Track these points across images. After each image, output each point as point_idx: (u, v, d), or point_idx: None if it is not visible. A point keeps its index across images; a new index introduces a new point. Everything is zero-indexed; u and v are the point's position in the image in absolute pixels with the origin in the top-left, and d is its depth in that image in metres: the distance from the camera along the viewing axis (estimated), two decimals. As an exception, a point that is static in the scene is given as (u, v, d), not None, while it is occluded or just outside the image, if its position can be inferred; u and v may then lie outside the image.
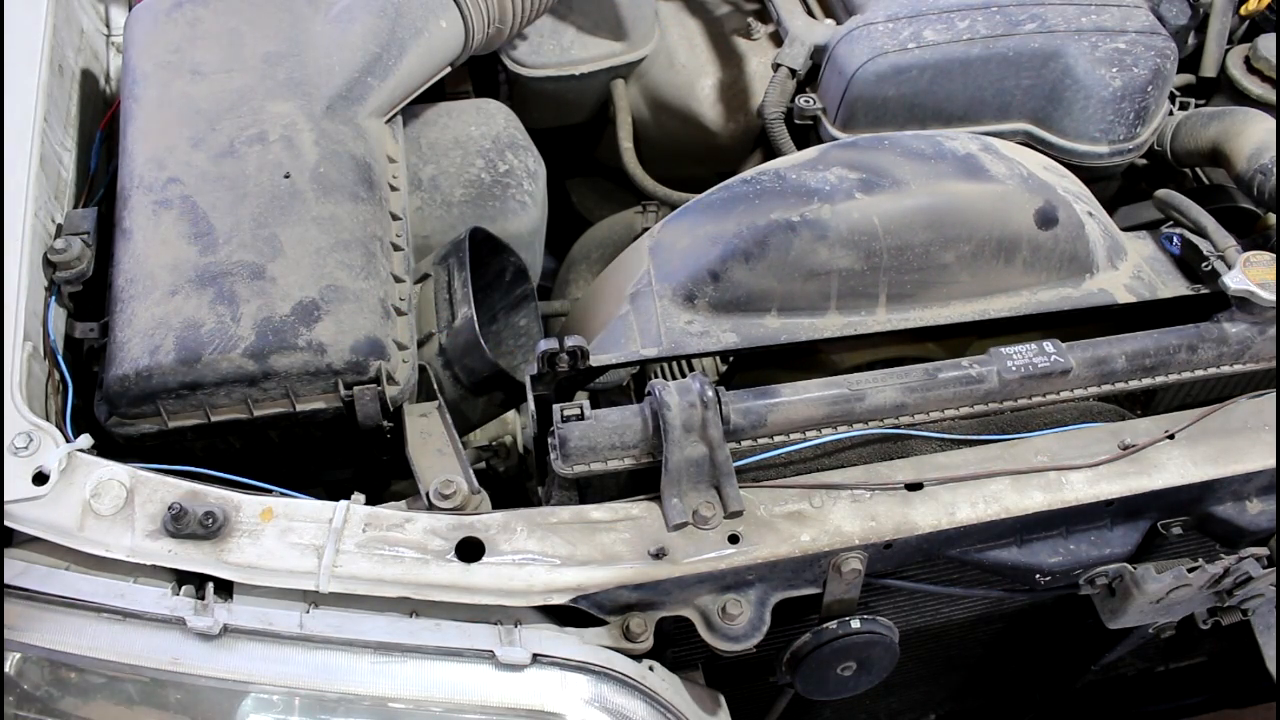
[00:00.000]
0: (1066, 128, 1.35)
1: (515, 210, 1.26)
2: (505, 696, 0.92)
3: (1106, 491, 1.05)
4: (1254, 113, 1.37)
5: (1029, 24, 1.33)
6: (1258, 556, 1.13)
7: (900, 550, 1.03)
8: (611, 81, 1.64)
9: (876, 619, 1.07)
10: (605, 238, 1.60)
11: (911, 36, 1.33)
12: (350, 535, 0.93)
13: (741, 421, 1.03)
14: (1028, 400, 1.13)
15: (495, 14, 1.35)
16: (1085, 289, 1.20)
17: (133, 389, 1.03)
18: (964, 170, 1.17)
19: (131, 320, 1.06)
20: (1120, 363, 1.13)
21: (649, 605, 0.99)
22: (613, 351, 1.11)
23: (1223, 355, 1.17)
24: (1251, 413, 1.13)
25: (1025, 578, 1.11)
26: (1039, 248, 1.17)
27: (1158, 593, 1.09)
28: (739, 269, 1.13)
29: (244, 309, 1.06)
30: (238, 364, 1.04)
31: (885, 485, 1.03)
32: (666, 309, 1.14)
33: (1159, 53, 1.34)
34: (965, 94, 1.34)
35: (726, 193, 1.20)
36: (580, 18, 1.60)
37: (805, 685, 1.10)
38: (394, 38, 1.26)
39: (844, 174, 1.16)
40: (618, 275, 1.23)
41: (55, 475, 0.93)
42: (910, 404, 1.08)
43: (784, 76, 1.44)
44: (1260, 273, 1.15)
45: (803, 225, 1.12)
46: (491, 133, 1.35)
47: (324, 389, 1.06)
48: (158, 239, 1.11)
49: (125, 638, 0.90)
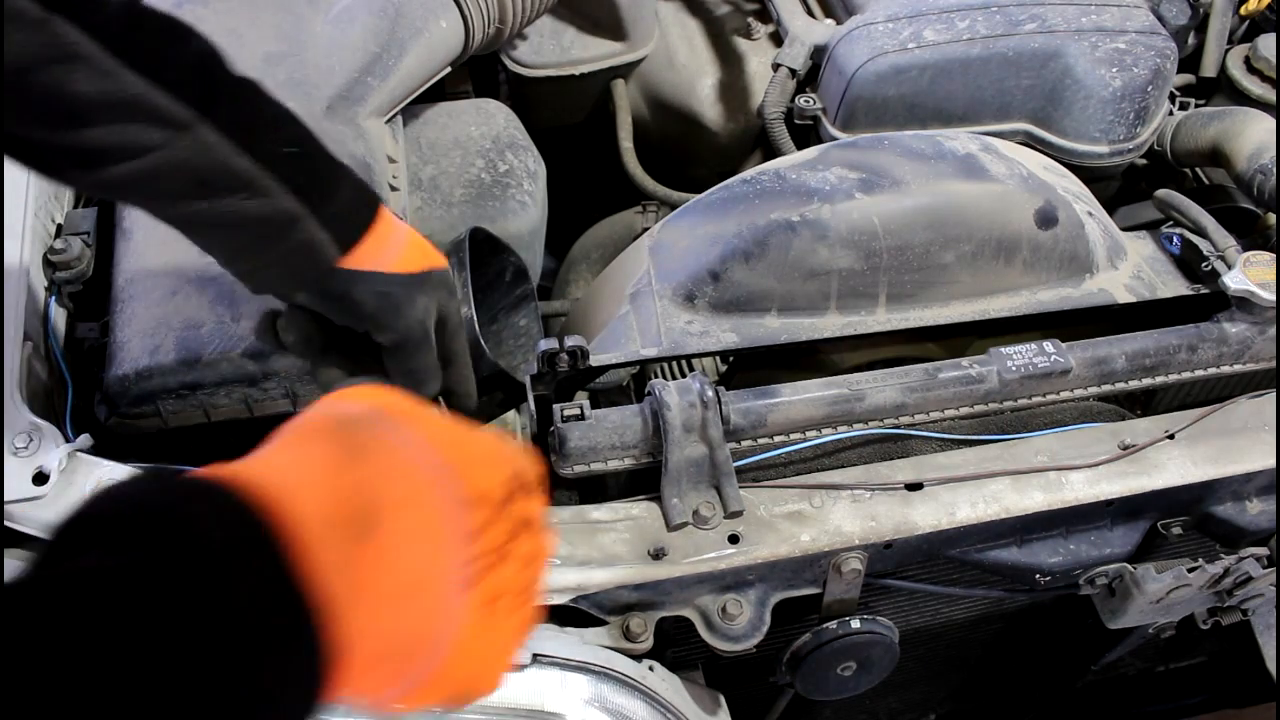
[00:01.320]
0: (1066, 128, 1.35)
1: (515, 210, 1.26)
2: (505, 696, 0.92)
3: (1106, 491, 1.05)
4: (1254, 113, 1.37)
5: (1029, 24, 1.33)
6: (1258, 556, 1.13)
7: (900, 550, 1.03)
8: (611, 81, 1.64)
9: (876, 619, 1.07)
10: (605, 238, 1.60)
11: (911, 36, 1.33)
12: (350, 535, 0.93)
13: (741, 421, 1.03)
14: (1028, 400, 1.13)
15: (495, 14, 1.35)
16: (1085, 289, 1.20)
17: (133, 389, 1.03)
18: (964, 170, 1.17)
19: (131, 320, 1.06)
20: (1120, 363, 1.13)
21: (649, 605, 0.99)
22: (613, 351, 1.11)
23: (1223, 355, 1.17)
24: (1251, 413, 1.13)
25: (1025, 578, 1.11)
26: (1039, 248, 1.17)
27: (1158, 593, 1.09)
28: (739, 269, 1.13)
29: (244, 309, 1.06)
30: (238, 364, 1.04)
31: (885, 485, 1.03)
32: (666, 309, 1.14)
33: (1159, 53, 1.34)
34: (965, 94, 1.34)
35: (726, 193, 1.20)
36: (580, 18, 1.60)
37: (805, 685, 1.10)
38: (394, 38, 1.26)
39: (844, 174, 1.16)
40: (617, 275, 1.23)
41: (55, 475, 0.93)
42: (910, 404, 1.08)
43: (784, 76, 1.44)
44: (1260, 273, 1.15)
45: (803, 225, 1.12)
46: (491, 133, 1.35)
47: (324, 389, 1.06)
48: (158, 239, 1.11)
49: (125, 638, 0.90)
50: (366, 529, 0.52)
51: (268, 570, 0.47)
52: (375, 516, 0.53)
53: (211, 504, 0.48)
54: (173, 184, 0.78)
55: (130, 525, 0.46)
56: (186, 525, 0.46)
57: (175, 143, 0.76)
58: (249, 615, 0.46)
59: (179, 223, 0.84)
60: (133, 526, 0.46)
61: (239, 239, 0.84)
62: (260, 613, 0.46)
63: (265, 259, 0.85)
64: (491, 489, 0.59)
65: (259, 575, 0.47)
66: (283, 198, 0.81)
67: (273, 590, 0.47)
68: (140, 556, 0.44)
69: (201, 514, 0.47)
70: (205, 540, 0.46)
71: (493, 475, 0.59)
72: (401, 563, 0.53)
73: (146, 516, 0.46)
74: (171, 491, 0.48)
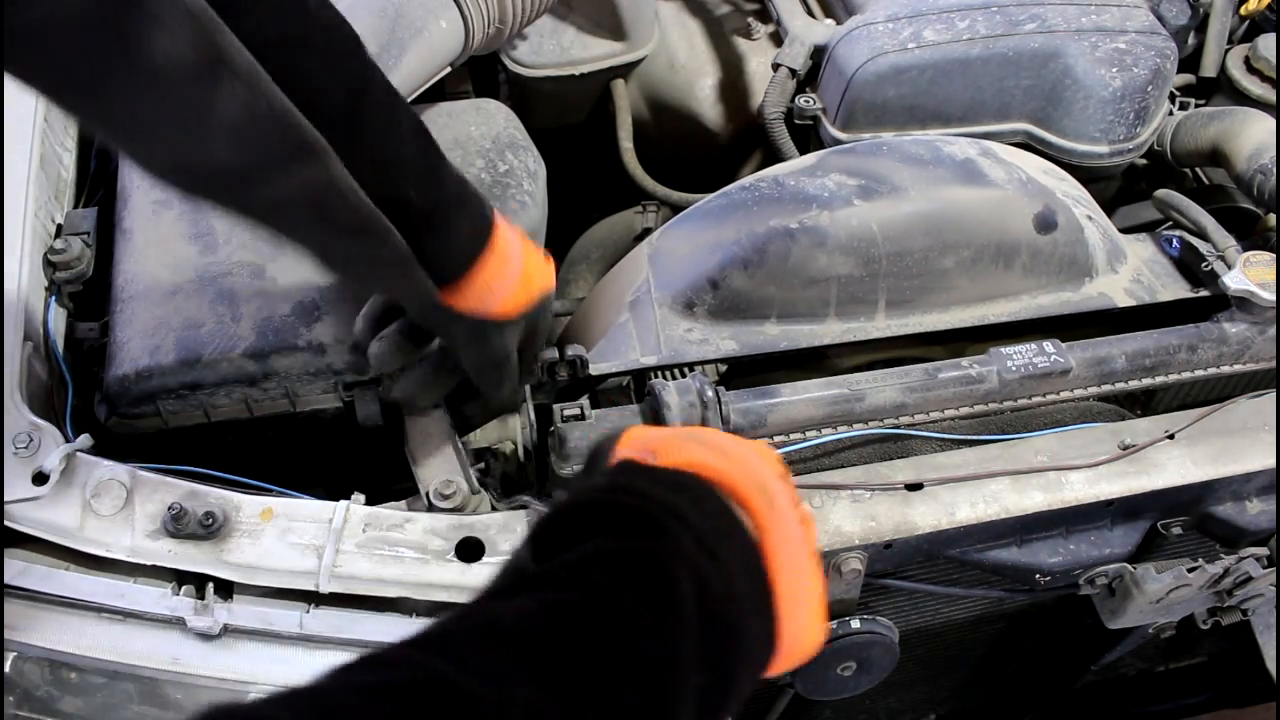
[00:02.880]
0: (1066, 128, 1.35)
1: (515, 210, 1.26)
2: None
3: (1106, 491, 1.05)
4: (1254, 113, 1.37)
5: (1029, 24, 1.33)
6: (1258, 556, 1.13)
7: (900, 550, 1.03)
8: (611, 81, 1.64)
9: (876, 619, 1.07)
10: (605, 238, 1.60)
11: (911, 36, 1.33)
12: (350, 535, 0.94)
13: (741, 421, 1.03)
14: (1028, 400, 1.13)
15: (495, 14, 1.35)
16: (1085, 293, 1.20)
17: (133, 389, 1.03)
18: (962, 175, 1.17)
19: (131, 320, 1.06)
20: (1120, 363, 1.13)
21: (649, 605, 0.99)
22: (612, 360, 1.12)
23: (1223, 355, 1.17)
24: (1251, 413, 1.13)
25: (1025, 578, 1.11)
26: (1038, 252, 1.17)
27: (1158, 593, 1.09)
28: (738, 276, 1.13)
29: (244, 309, 1.06)
30: (238, 364, 1.04)
31: (885, 485, 1.03)
32: (666, 317, 1.14)
33: (1159, 53, 1.34)
34: (965, 94, 1.34)
35: (725, 200, 1.20)
36: (580, 18, 1.60)
37: (805, 685, 1.10)
38: (394, 38, 1.26)
39: (842, 180, 1.16)
40: (617, 283, 1.23)
41: (55, 475, 0.93)
42: (910, 404, 1.08)
43: (784, 76, 1.44)
44: (1260, 273, 1.15)
45: (801, 232, 1.12)
46: (491, 133, 1.34)
47: (324, 389, 1.06)
48: (158, 239, 1.11)
49: (125, 638, 0.90)
50: (772, 504, 0.62)
51: (748, 551, 0.59)
52: (770, 492, 0.63)
53: (693, 493, 0.59)
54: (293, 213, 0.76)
55: (626, 515, 0.55)
56: (684, 516, 0.56)
57: (304, 173, 0.72)
58: (742, 590, 0.56)
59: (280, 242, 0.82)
60: (629, 516, 0.55)
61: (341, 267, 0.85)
62: (751, 588, 0.57)
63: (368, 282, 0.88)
64: (779, 468, 0.69)
65: (742, 554, 0.58)
66: (393, 241, 0.80)
67: (752, 565, 0.58)
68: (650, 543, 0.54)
69: (687, 503, 0.57)
70: (700, 528, 0.56)
71: (777, 460, 0.70)
72: (793, 529, 0.63)
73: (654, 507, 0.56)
74: (661, 483, 0.59)
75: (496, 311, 0.91)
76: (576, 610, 0.49)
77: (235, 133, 0.68)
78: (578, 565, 0.52)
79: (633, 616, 0.49)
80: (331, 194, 0.75)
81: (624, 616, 0.49)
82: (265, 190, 0.72)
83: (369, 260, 0.82)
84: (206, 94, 0.65)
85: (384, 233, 0.79)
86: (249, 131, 0.69)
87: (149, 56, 0.61)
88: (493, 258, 0.89)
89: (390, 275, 0.84)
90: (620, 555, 0.52)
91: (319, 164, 0.73)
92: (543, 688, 0.44)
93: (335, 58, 0.77)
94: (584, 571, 0.51)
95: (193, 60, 0.64)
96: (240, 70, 0.66)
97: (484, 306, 0.90)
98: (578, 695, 0.45)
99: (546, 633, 0.47)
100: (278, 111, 0.69)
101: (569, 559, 0.53)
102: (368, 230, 0.78)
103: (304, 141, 0.71)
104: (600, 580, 0.51)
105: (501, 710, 0.42)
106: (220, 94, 0.65)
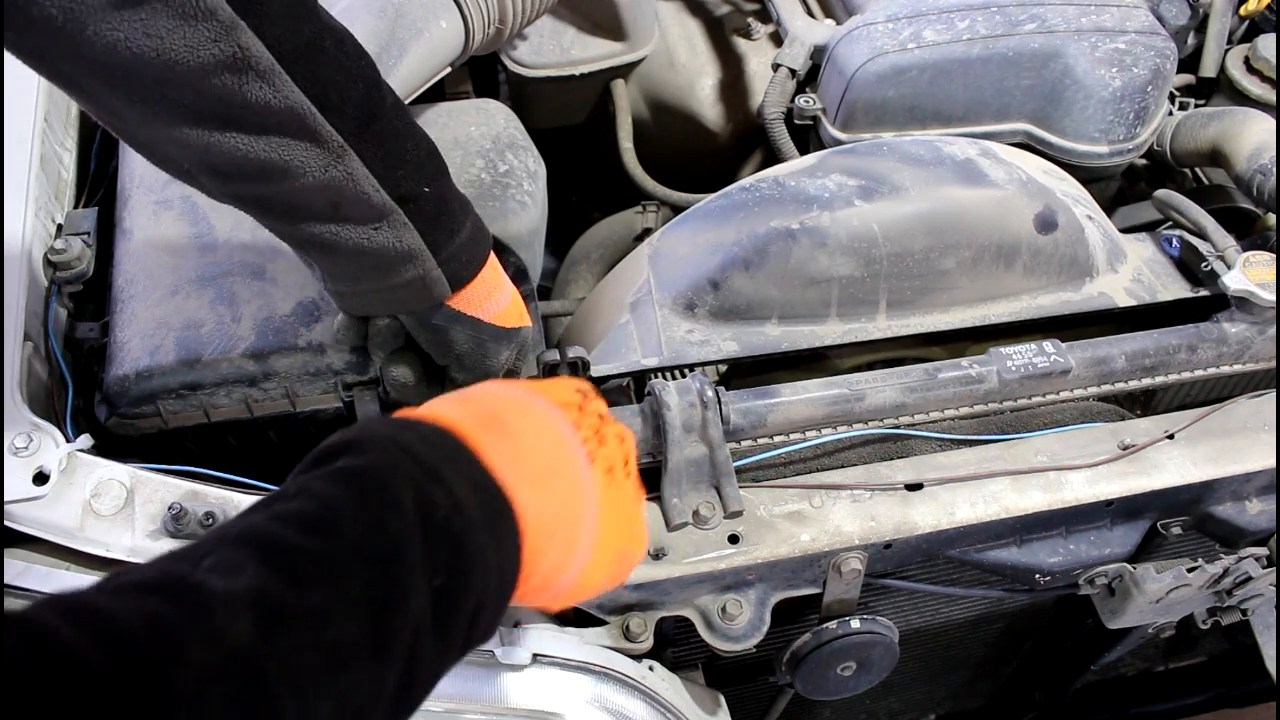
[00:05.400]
0: (1066, 128, 1.35)
1: (515, 210, 1.26)
2: (505, 697, 0.92)
3: (1106, 491, 1.05)
4: (1254, 113, 1.37)
5: (1029, 24, 1.33)
6: (1258, 556, 1.14)
7: (900, 550, 1.03)
8: (611, 81, 1.64)
9: (876, 619, 1.07)
10: (605, 238, 1.60)
11: (911, 37, 1.33)
12: (350, 535, 0.93)
13: (741, 421, 1.03)
14: (1027, 400, 1.13)
15: (495, 14, 1.35)
16: (1085, 293, 1.20)
17: (133, 389, 1.03)
18: (963, 175, 1.17)
19: (131, 320, 1.06)
20: (1120, 363, 1.13)
21: (649, 605, 0.99)
22: (613, 361, 1.12)
23: (1223, 355, 1.17)
24: (1251, 413, 1.13)
25: (1025, 578, 1.11)
26: (1039, 252, 1.17)
27: (1158, 593, 1.09)
28: (739, 277, 1.13)
29: (244, 309, 1.06)
30: (238, 364, 1.04)
31: (885, 485, 1.03)
32: (667, 318, 1.14)
33: (1159, 53, 1.34)
34: (965, 94, 1.34)
35: (725, 201, 1.20)
36: (580, 18, 1.60)
37: (805, 685, 1.10)
38: (394, 38, 1.26)
39: (843, 181, 1.16)
40: (617, 284, 1.23)
41: (55, 475, 0.93)
42: (910, 404, 1.08)
43: (784, 76, 1.44)
44: (1260, 273, 1.15)
45: (802, 233, 1.12)
46: (491, 133, 1.34)
47: (324, 389, 1.06)
48: (158, 239, 1.11)
49: (125, 638, 0.90)
50: (502, 430, 0.66)
51: (474, 471, 0.63)
52: (502, 420, 0.67)
53: (417, 430, 0.63)
54: (310, 208, 0.79)
55: (350, 446, 0.60)
56: (406, 446, 0.61)
57: (323, 168, 0.76)
58: (470, 505, 0.60)
59: (295, 239, 0.85)
60: (353, 447, 0.60)
61: (354, 264, 0.86)
62: (479, 502, 0.61)
63: (374, 285, 0.87)
64: (568, 397, 0.74)
65: (467, 474, 0.62)
66: (409, 234, 0.83)
67: (480, 483, 0.62)
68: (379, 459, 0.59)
69: (410, 436, 0.62)
70: (421, 454, 0.60)
71: (564, 388, 0.75)
72: (536, 450, 0.68)
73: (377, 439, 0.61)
74: (388, 424, 0.63)
75: (496, 317, 0.94)
76: (298, 514, 0.54)
77: (260, 129, 0.72)
78: (302, 483, 0.58)
79: (353, 519, 0.55)
80: (350, 188, 0.78)
81: (345, 519, 0.54)
82: (290, 184, 0.76)
83: (383, 254, 0.83)
84: (232, 93, 0.70)
85: (400, 226, 0.82)
86: (273, 128, 0.73)
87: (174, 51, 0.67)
88: (491, 270, 0.93)
89: (402, 272, 0.85)
90: (341, 471, 0.58)
91: (340, 161, 0.77)
92: (269, 576, 0.50)
93: (348, 60, 0.79)
94: (305, 486, 0.57)
95: (218, 59, 0.68)
96: (263, 69, 0.70)
97: (485, 311, 0.93)
98: (303, 582, 0.50)
99: (273, 533, 0.53)
100: (299, 109, 0.73)
101: (297, 480, 0.59)
102: (385, 220, 0.81)
103: (326, 139, 0.75)
104: (319, 489, 0.56)
105: (229, 598, 0.48)
106: (246, 92, 0.70)
